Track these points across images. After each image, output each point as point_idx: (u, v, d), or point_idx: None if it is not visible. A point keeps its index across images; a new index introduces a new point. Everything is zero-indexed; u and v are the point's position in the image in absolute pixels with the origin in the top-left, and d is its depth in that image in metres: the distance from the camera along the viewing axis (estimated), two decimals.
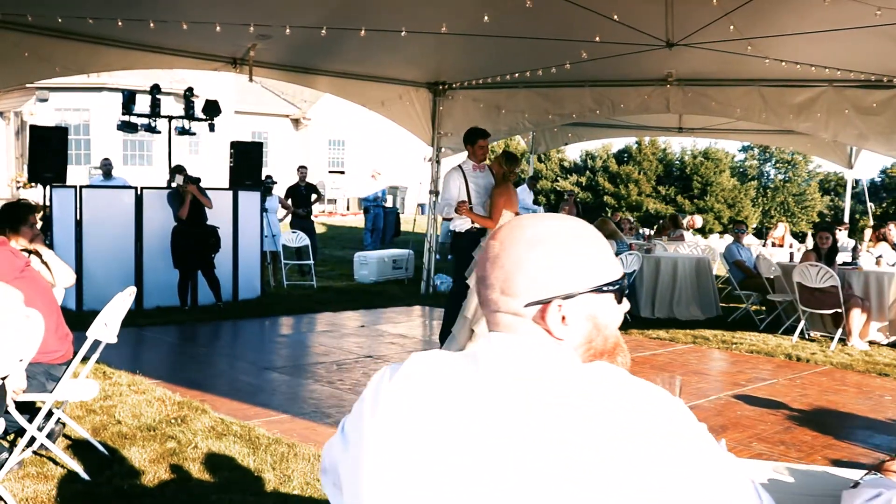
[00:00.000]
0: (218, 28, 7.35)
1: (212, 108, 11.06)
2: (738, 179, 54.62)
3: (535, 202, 19.28)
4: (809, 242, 14.18)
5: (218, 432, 4.85)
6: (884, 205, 54.98)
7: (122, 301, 4.15)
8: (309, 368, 6.97)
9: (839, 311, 9.01)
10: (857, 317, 9.05)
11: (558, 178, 51.07)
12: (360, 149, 32.88)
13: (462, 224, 7.54)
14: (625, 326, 9.76)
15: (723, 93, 11.35)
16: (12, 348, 3.29)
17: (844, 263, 9.70)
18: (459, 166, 7.71)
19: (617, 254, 10.31)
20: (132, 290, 4.25)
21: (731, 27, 6.86)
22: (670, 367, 7.81)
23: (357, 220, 28.63)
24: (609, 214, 22.59)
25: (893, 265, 9.91)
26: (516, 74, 10.90)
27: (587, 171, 55.46)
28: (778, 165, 58.66)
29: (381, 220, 20.61)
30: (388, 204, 22.25)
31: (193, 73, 25.73)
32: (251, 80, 10.10)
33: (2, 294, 3.29)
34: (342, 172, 31.89)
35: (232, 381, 6.44)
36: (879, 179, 61.50)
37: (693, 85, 11.37)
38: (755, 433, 5.44)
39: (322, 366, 7.12)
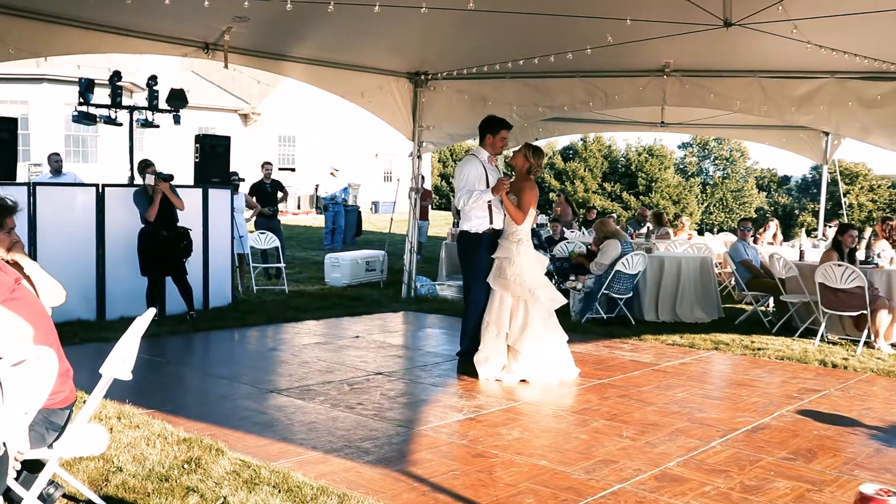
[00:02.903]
0: (206, 2, 6.42)
1: (177, 99, 10.08)
2: (680, 176, 55.14)
3: None
4: (804, 241, 13.79)
5: (246, 480, 4.00)
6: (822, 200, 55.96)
7: (140, 327, 3.30)
8: (319, 390, 6.13)
9: (864, 312, 8.52)
10: (884, 318, 8.57)
11: (503, 174, 50.69)
12: (312, 145, 31.83)
13: (480, 224, 6.76)
14: (635, 332, 9.17)
15: (721, 84, 10.83)
16: (19, 400, 2.43)
17: (863, 262, 9.21)
18: (475, 155, 6.95)
19: (622, 254, 9.68)
20: (152, 312, 3.39)
21: (780, 8, 6.25)
22: (707, 377, 7.18)
23: (310, 219, 27.63)
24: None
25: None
26: (509, 64, 10.13)
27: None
28: (717, 162, 59.46)
29: (342, 219, 19.70)
30: (351, 202, 21.31)
31: (134, 63, 24.46)
32: (226, 66, 9.17)
33: (10, 327, 2.42)
34: (293, 170, 30.80)
35: (237, 409, 5.56)
36: (811, 176, 62.89)
37: (691, 76, 10.82)
38: (849, 458, 4.81)
39: (332, 386, 6.28)
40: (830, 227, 14.26)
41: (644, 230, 14.10)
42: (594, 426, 5.34)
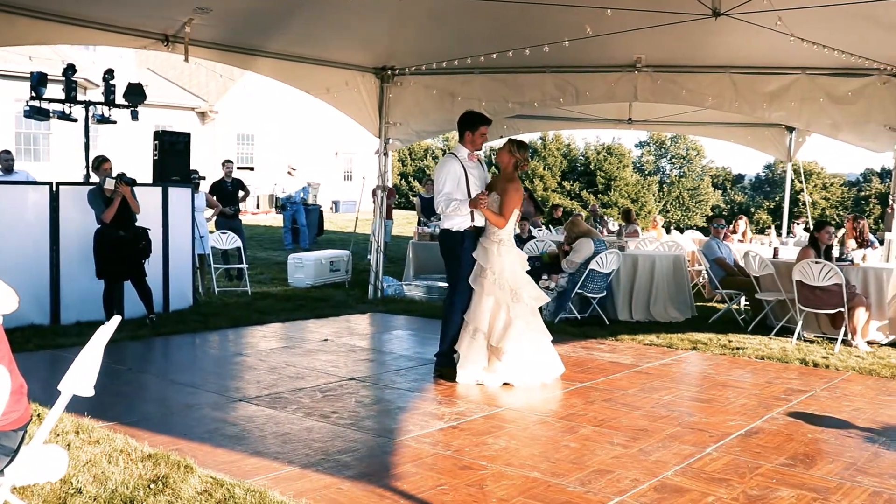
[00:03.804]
0: None
1: (135, 93, 9.67)
2: (638, 175, 55.51)
3: None
4: (773, 239, 13.76)
5: (219, 500, 3.68)
6: (776, 199, 56.94)
7: (103, 338, 2.98)
8: (290, 398, 5.81)
9: (841, 310, 8.42)
10: (861, 316, 8.48)
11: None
12: (271, 144, 31.31)
13: (462, 222, 6.50)
14: (610, 332, 8.98)
15: (693, 80, 10.69)
16: None
17: (838, 259, 9.12)
18: (454, 155, 6.68)
19: (595, 253, 9.48)
20: (116, 320, 3.07)
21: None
22: (690, 379, 7.00)
23: (270, 219, 27.18)
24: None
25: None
26: (481, 58, 9.86)
27: (491, 167, 55.09)
28: (673, 160, 60.02)
29: (302, 218, 19.28)
30: (311, 201, 20.91)
31: (88, 57, 23.78)
32: (187, 59, 8.79)
33: None
34: (251, 168, 30.27)
35: (205, 420, 5.22)
36: (764, 174, 63.80)
37: (663, 71, 10.66)
38: (849, 463, 4.63)
39: (303, 393, 5.97)
40: (798, 224, 14.25)
41: (615, 228, 13.95)
42: (583, 433, 5.10)
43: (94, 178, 9.02)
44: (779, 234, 15.34)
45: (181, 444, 4.62)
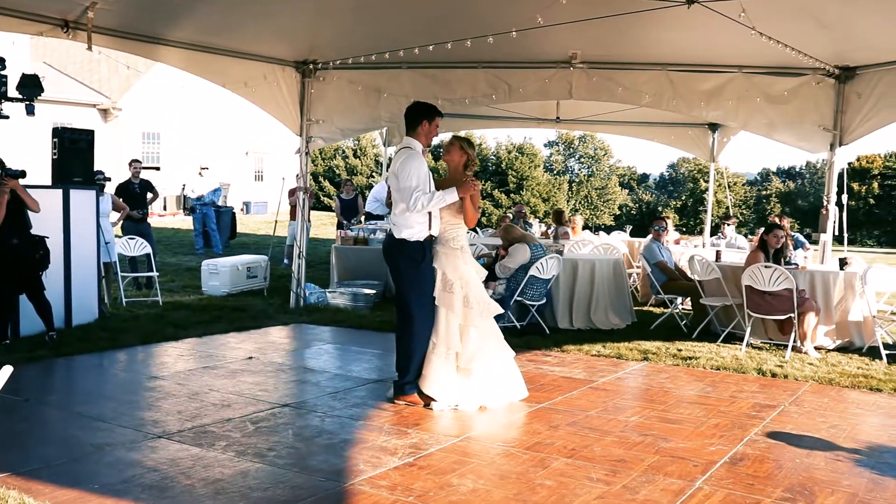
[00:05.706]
0: None
1: (31, 85, 8.67)
2: (549, 174, 55.89)
3: None
4: (707, 240, 13.58)
5: None
6: (682, 197, 58.20)
7: None
8: (217, 431, 5.08)
9: (791, 315, 8.16)
10: (812, 321, 8.23)
11: (373, 174, 49.60)
12: (178, 142, 29.95)
13: (420, 231, 5.81)
14: (554, 342, 8.50)
15: (630, 77, 10.40)
16: None
17: (785, 263, 8.87)
18: (411, 148, 5.99)
19: (534, 258, 8.99)
20: (7, 371, 2.35)
21: None
22: (652, 395, 6.53)
23: (178, 221, 25.96)
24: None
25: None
26: (416, 50, 9.21)
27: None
28: (581, 160, 60.72)
29: (212, 221, 18.31)
30: (221, 202, 19.91)
31: None
32: (90, 47, 7.90)
33: None
34: (158, 168, 28.86)
35: (119, 465, 4.43)
36: (668, 174, 65.12)
37: (599, 68, 10.30)
38: (850, 494, 4.20)
39: (232, 425, 5.25)
40: (728, 225, 14.15)
41: (550, 230, 13.54)
42: (556, 467, 4.55)
43: None
44: (700, 234, 15.25)
45: (91, 499, 3.86)
